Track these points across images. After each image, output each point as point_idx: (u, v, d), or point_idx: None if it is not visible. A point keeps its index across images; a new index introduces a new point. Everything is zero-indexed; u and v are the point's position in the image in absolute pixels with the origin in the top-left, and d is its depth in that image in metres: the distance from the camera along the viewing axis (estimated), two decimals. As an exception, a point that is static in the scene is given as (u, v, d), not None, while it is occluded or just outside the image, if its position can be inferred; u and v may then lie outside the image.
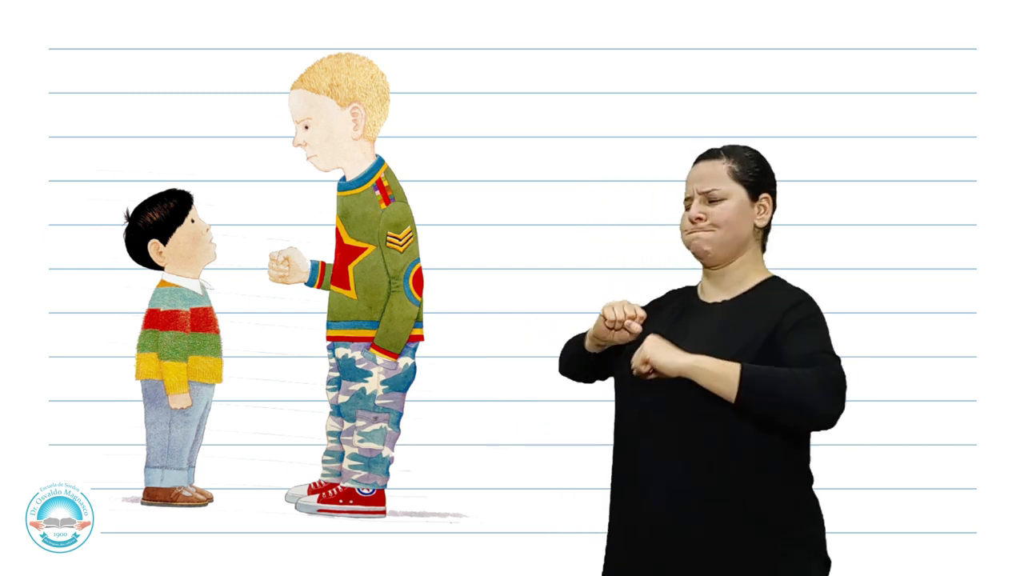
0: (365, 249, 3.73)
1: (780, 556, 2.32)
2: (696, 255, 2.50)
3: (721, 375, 2.26)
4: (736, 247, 2.47)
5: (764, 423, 2.30)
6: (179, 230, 3.80)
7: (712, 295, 2.51)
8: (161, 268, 3.81)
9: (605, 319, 2.44)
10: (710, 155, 2.51)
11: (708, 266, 2.51)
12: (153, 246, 3.79)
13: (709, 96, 3.86)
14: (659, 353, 2.30)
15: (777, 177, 2.54)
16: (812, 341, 2.33)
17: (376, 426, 3.71)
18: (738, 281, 2.48)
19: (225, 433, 3.81)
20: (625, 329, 2.43)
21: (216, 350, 3.80)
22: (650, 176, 3.65)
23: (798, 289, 2.47)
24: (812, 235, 3.81)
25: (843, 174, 3.84)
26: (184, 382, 3.74)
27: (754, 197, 2.48)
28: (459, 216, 3.84)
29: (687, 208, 2.51)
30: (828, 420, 2.28)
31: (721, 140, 2.57)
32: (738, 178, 2.47)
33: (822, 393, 2.26)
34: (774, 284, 2.49)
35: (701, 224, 2.45)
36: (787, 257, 3.78)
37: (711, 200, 2.46)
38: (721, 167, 2.47)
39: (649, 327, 2.44)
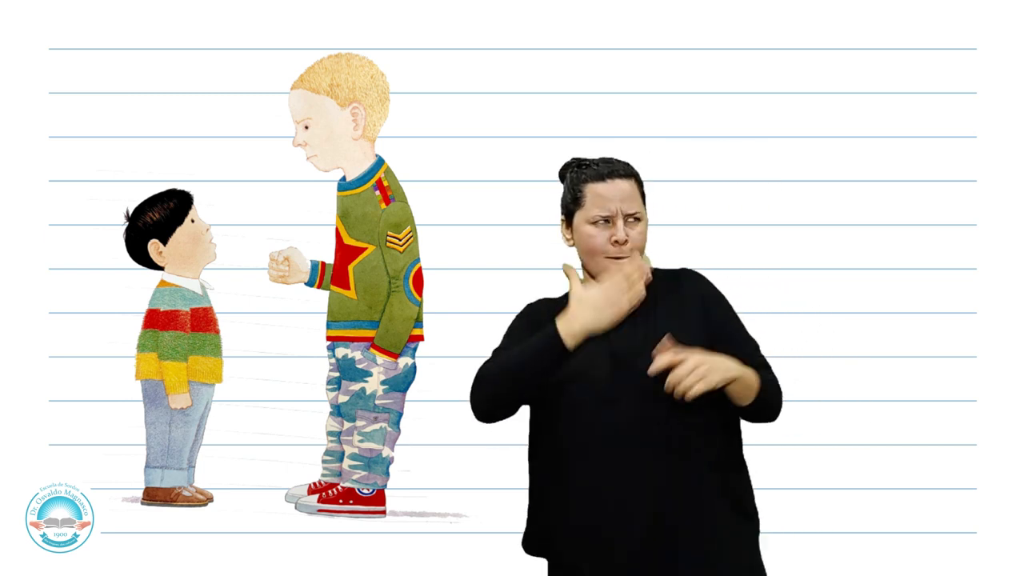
0: (365, 249, 3.73)
1: (753, 539, 2.46)
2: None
3: (751, 382, 2.38)
4: None
5: (735, 417, 2.45)
6: (179, 230, 3.81)
7: None
8: (161, 268, 3.81)
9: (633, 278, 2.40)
10: (624, 173, 2.49)
11: None
12: (153, 246, 3.80)
13: (709, 96, 3.86)
14: (718, 362, 2.33)
15: (776, 176, 2.54)
16: (746, 341, 2.48)
17: (376, 426, 3.71)
18: None
19: (225, 433, 3.81)
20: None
21: (216, 350, 3.80)
22: (649, 176, 3.63)
23: (681, 270, 2.53)
24: (812, 235, 3.81)
25: (843, 174, 3.84)
26: (184, 382, 3.74)
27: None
28: (459, 216, 3.83)
29: (597, 224, 2.46)
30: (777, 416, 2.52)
31: (721, 140, 2.57)
32: (643, 198, 2.52)
33: (781, 395, 2.48)
34: (659, 274, 2.51)
35: (624, 249, 2.45)
36: (788, 257, 3.81)
37: (635, 219, 2.47)
38: (634, 186, 2.49)
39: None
